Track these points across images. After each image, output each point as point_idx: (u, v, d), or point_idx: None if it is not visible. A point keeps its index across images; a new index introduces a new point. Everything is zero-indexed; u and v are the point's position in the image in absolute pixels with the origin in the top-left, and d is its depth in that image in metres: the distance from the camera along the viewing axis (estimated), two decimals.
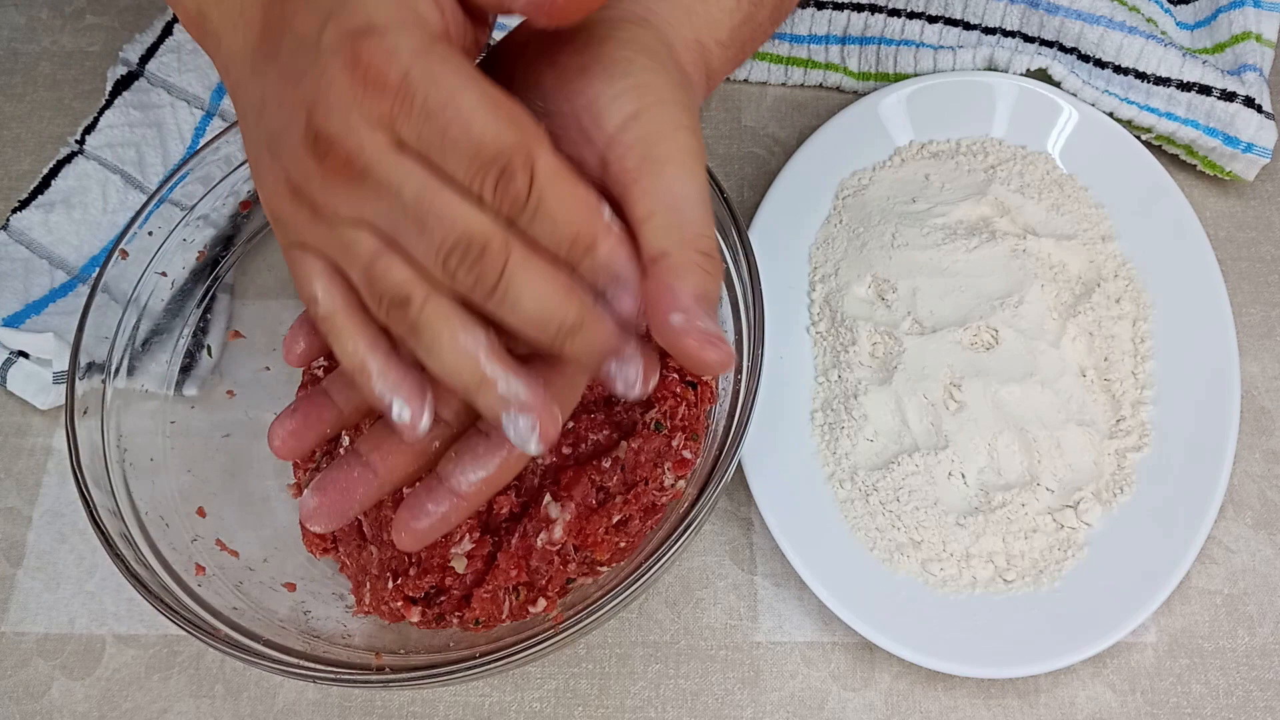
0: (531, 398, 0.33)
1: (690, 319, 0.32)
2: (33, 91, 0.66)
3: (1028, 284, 0.53)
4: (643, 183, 0.33)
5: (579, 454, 0.46)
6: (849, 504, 0.51)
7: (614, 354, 0.33)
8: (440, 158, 0.31)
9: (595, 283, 0.33)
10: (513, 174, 0.31)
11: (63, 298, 0.58)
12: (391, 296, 0.32)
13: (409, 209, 0.31)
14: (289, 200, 0.33)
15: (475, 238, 0.31)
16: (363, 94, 0.31)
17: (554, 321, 0.32)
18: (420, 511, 0.37)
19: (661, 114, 0.34)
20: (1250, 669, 0.50)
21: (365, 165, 0.31)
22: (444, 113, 0.31)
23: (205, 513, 0.47)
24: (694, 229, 0.33)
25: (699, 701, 0.50)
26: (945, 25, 0.63)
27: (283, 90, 0.33)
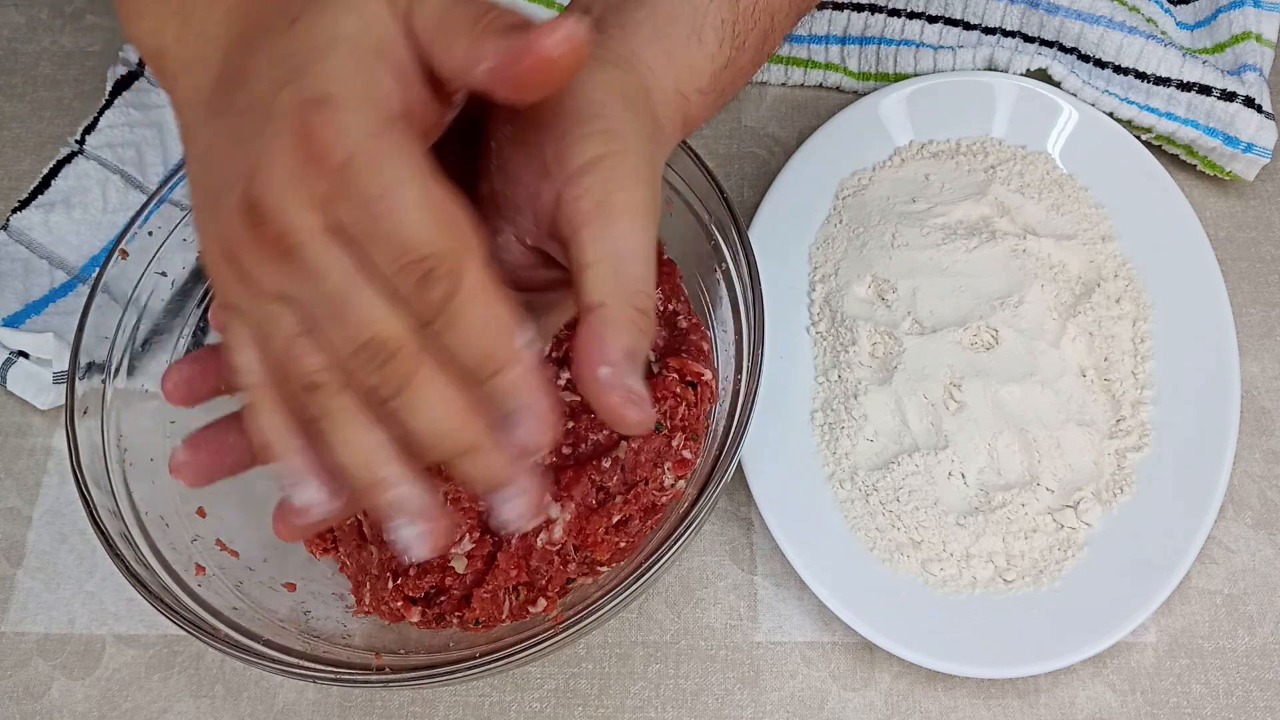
0: (428, 506, 0.32)
1: (616, 374, 0.32)
2: (33, 91, 0.66)
3: (1028, 284, 0.53)
4: (592, 228, 0.33)
5: (579, 454, 0.46)
6: (849, 504, 0.51)
7: (503, 485, 0.33)
8: (370, 248, 0.31)
9: (499, 406, 0.32)
10: (434, 280, 0.30)
11: (63, 298, 0.58)
12: (303, 381, 0.32)
13: (329, 298, 0.31)
14: (222, 260, 0.33)
15: (386, 342, 0.31)
16: (304, 170, 0.30)
17: (448, 440, 0.32)
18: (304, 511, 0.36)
19: (623, 164, 0.34)
20: (1250, 669, 0.50)
21: (295, 244, 0.31)
22: (379, 204, 0.30)
23: (205, 513, 0.47)
24: (634, 284, 0.33)
25: (699, 701, 0.50)
26: (945, 25, 0.63)
27: (229, 148, 0.33)
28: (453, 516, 0.34)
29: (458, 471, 0.32)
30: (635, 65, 0.38)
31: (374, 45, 0.32)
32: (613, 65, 0.37)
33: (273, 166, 0.31)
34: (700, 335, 0.49)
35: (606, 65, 0.37)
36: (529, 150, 0.35)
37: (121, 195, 0.60)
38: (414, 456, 0.33)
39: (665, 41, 0.39)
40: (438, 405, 0.31)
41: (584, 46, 0.31)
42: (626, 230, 0.33)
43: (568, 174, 0.34)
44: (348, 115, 0.30)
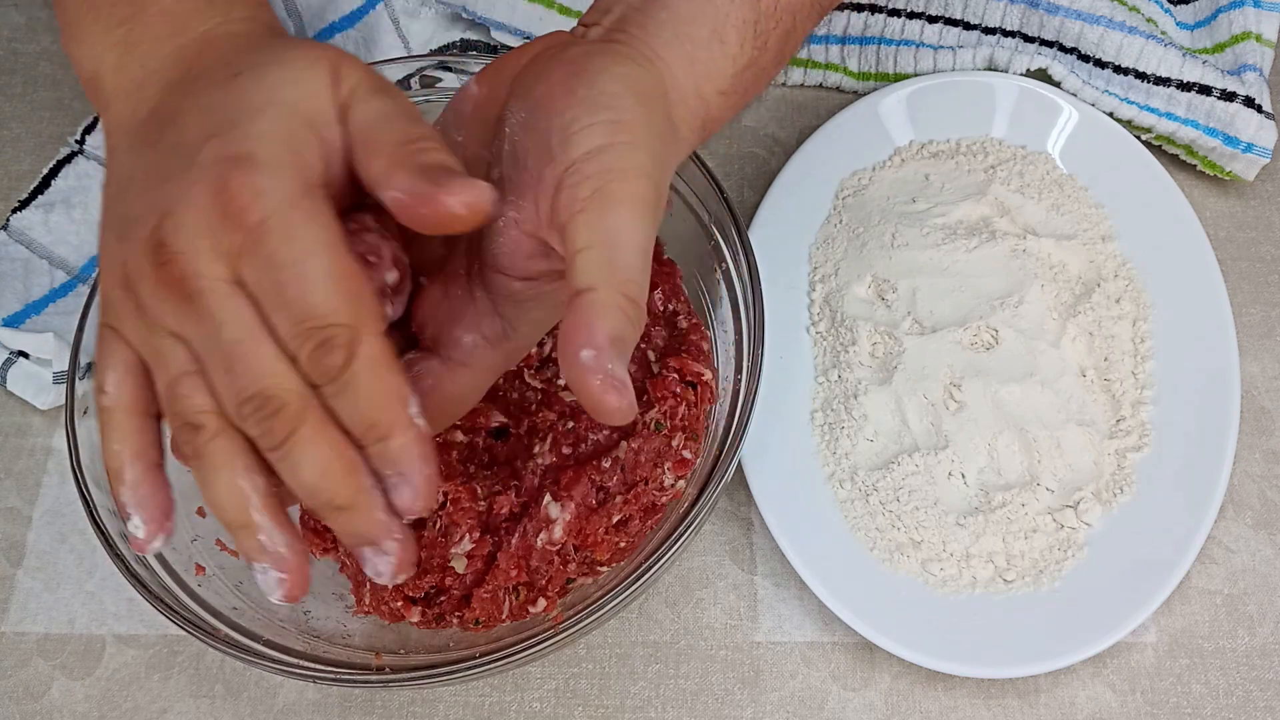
0: (289, 555, 0.34)
1: (600, 358, 0.31)
2: (33, 91, 0.66)
3: (1028, 284, 0.53)
4: (589, 214, 0.33)
5: (579, 454, 0.46)
6: (849, 504, 0.51)
7: (370, 543, 0.34)
8: (271, 309, 0.32)
9: (381, 470, 0.33)
10: (331, 348, 0.31)
11: (63, 298, 0.58)
12: (185, 419, 0.33)
13: (223, 346, 0.32)
14: (119, 288, 0.34)
15: (274, 397, 0.32)
16: (218, 222, 0.31)
17: (324, 495, 0.33)
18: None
19: (629, 155, 0.34)
20: (1250, 669, 0.50)
21: (197, 290, 0.32)
22: (287, 269, 0.31)
23: (205, 513, 0.47)
24: (626, 273, 0.33)
25: (699, 701, 0.50)
26: (945, 25, 0.63)
27: (149, 181, 0.34)
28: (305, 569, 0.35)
29: (332, 524, 0.34)
30: (655, 65, 0.38)
31: (306, 117, 0.33)
32: (632, 62, 0.37)
33: (187, 212, 0.32)
34: (700, 335, 0.49)
35: (626, 61, 0.37)
36: (538, 135, 0.35)
37: None
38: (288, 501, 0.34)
39: (686, 43, 0.39)
40: (316, 462, 0.32)
41: (486, 212, 0.33)
42: (623, 220, 0.33)
43: (570, 159, 0.34)
44: (267, 178, 0.32)
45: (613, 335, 0.32)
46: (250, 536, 0.34)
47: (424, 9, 0.64)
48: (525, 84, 0.37)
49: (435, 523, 0.45)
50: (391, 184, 0.33)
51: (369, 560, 0.34)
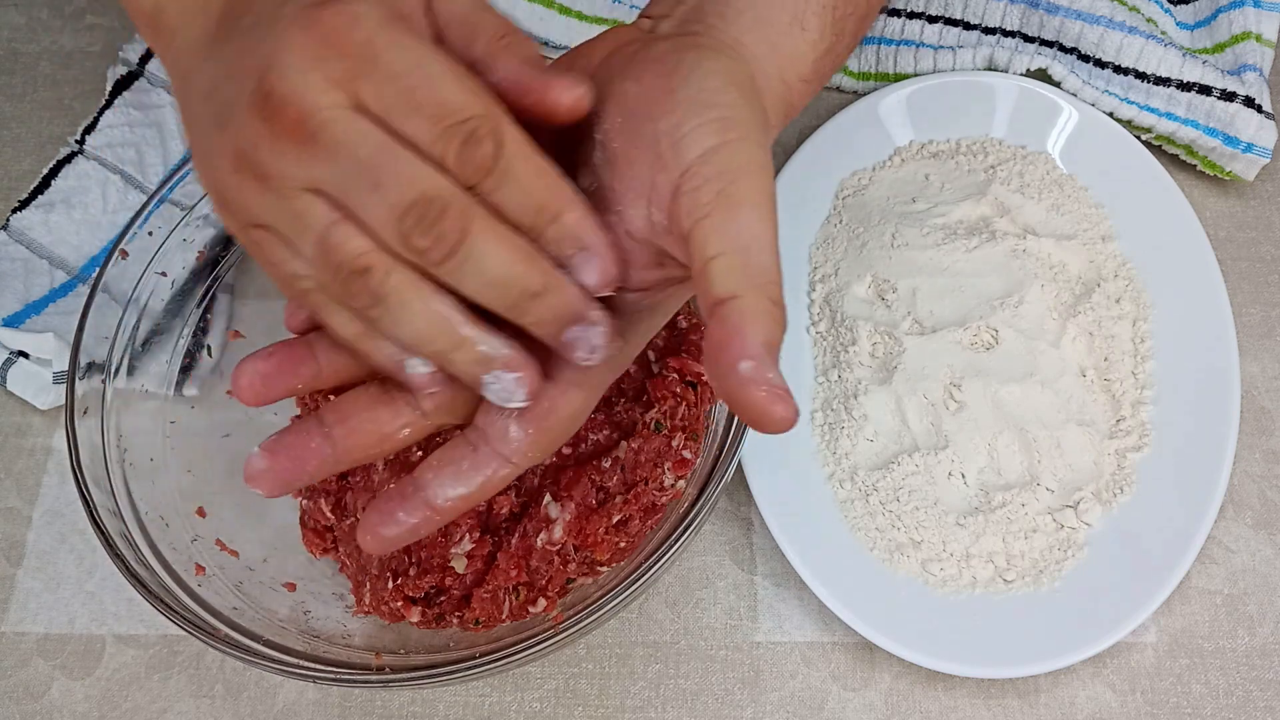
0: (514, 353, 0.32)
1: (760, 369, 0.30)
2: (33, 91, 0.66)
3: (1028, 284, 0.53)
4: (715, 219, 0.32)
5: (579, 454, 0.46)
6: (849, 504, 0.51)
7: (577, 320, 0.32)
8: (402, 120, 0.30)
9: (560, 252, 0.32)
10: (480, 139, 0.30)
11: (63, 298, 0.58)
12: (351, 266, 0.31)
13: (364, 168, 0.30)
14: (233, 173, 0.32)
15: (435, 198, 0.30)
16: (323, 53, 0.30)
17: (516, 286, 0.31)
18: (391, 519, 0.35)
19: (743, 151, 0.33)
20: (1250, 669, 0.50)
21: (319, 124, 0.30)
22: (411, 75, 0.30)
23: (205, 513, 0.47)
24: (765, 275, 0.31)
25: (699, 701, 0.50)
26: (945, 25, 0.63)
27: (237, 62, 0.32)
28: (535, 362, 0.33)
29: (531, 317, 0.32)
30: (740, 54, 0.37)
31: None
32: (721, 54, 0.36)
33: (288, 56, 0.30)
34: (700, 335, 0.49)
35: (716, 53, 0.35)
36: (642, 141, 0.34)
37: (121, 195, 0.60)
38: (482, 315, 0.32)
39: (768, 29, 0.38)
40: (503, 249, 0.31)
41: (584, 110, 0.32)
42: (751, 219, 0.32)
43: (685, 164, 0.33)
44: (359, 5, 0.30)
45: (767, 341, 0.30)
46: (470, 351, 0.32)
47: None
48: (615, 87, 0.35)
49: None
50: (499, 67, 0.32)
51: (580, 341, 0.32)
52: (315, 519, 0.48)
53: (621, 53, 0.36)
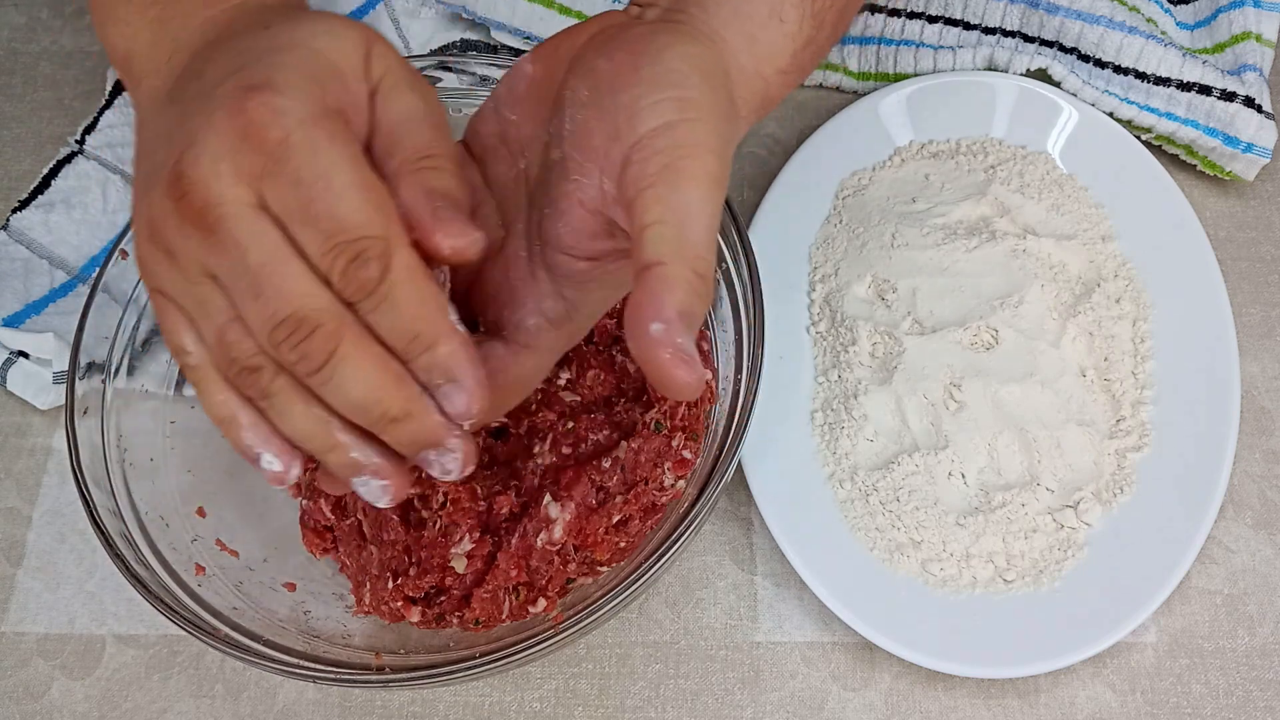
0: (383, 462, 0.34)
1: (669, 332, 0.31)
2: (33, 91, 0.66)
3: (1028, 284, 0.53)
4: (657, 189, 0.33)
5: (579, 454, 0.46)
6: (849, 504, 0.51)
7: (434, 446, 0.34)
8: (298, 228, 0.31)
9: (429, 380, 0.33)
10: (367, 260, 0.31)
11: (63, 298, 0.58)
12: (242, 364, 0.32)
13: (250, 273, 0.31)
14: (147, 241, 0.33)
15: (306, 318, 0.31)
16: (238, 146, 0.31)
17: (376, 409, 0.32)
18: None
19: (697, 131, 0.34)
20: (1250, 669, 0.50)
21: (218, 216, 0.31)
22: (314, 184, 0.31)
23: (205, 513, 0.47)
24: (695, 248, 0.32)
25: (699, 701, 0.50)
26: (945, 25, 0.63)
27: (173, 129, 0.33)
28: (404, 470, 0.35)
29: (389, 436, 0.33)
30: (716, 44, 0.38)
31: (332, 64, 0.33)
32: (696, 41, 0.37)
33: (206, 139, 0.31)
34: (700, 335, 0.49)
35: (690, 39, 0.36)
36: (603, 113, 0.35)
37: (121, 195, 0.60)
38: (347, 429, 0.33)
39: (746, 22, 0.39)
40: (363, 376, 0.32)
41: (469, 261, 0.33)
42: (692, 194, 0.33)
43: (637, 136, 0.34)
44: (286, 100, 0.31)
45: (682, 309, 0.31)
46: (343, 455, 0.33)
47: (424, 9, 0.65)
48: (587, 62, 0.36)
49: (435, 523, 0.45)
50: (401, 190, 0.33)
51: (434, 463, 0.34)
52: (315, 519, 0.48)
53: (604, 34, 0.37)
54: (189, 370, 0.34)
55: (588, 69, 0.36)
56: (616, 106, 0.34)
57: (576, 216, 0.36)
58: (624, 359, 0.49)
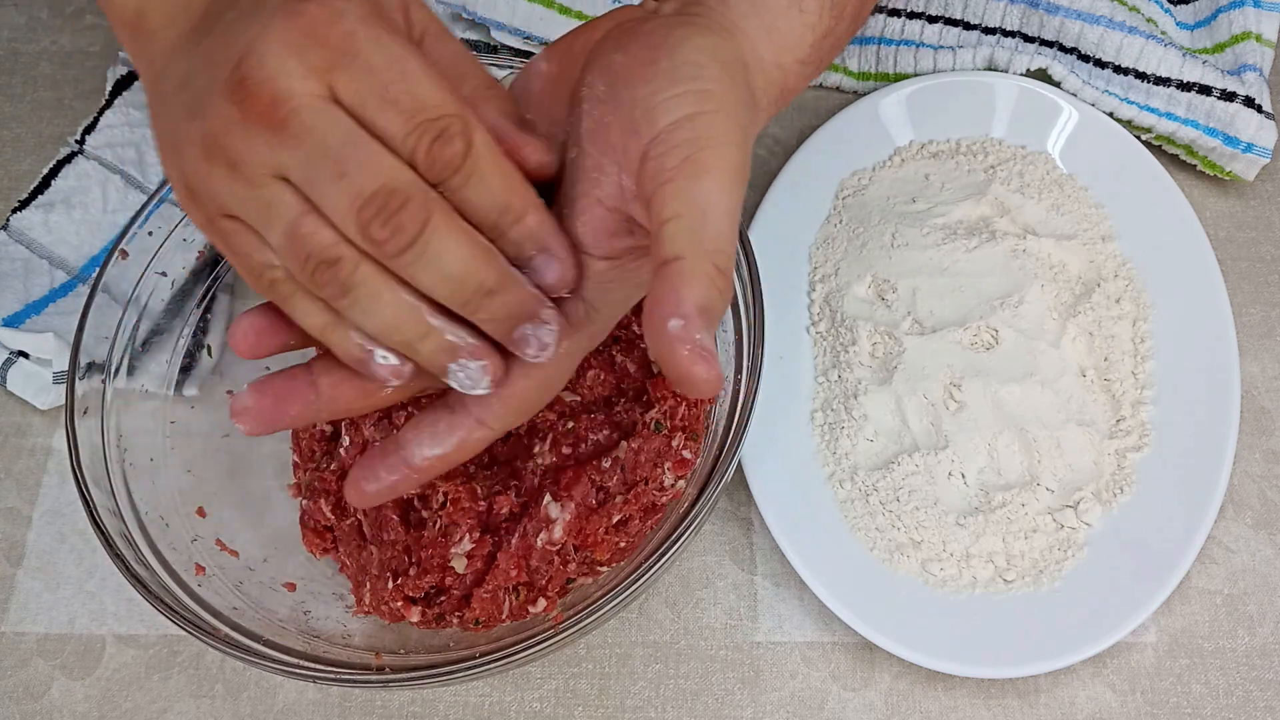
0: (479, 342, 0.33)
1: (688, 328, 0.30)
2: (33, 91, 0.66)
3: (1028, 284, 0.53)
4: (677, 183, 0.32)
5: (579, 454, 0.46)
6: (849, 504, 0.51)
7: (530, 318, 0.33)
8: (375, 113, 0.31)
9: (520, 253, 0.33)
10: (451, 137, 0.31)
11: (63, 298, 0.58)
12: (320, 257, 0.31)
13: (331, 156, 0.30)
14: (203, 160, 0.32)
15: (396, 190, 0.30)
16: (302, 42, 0.30)
17: (472, 281, 0.32)
18: (372, 475, 0.37)
19: (716, 123, 0.33)
20: (1250, 669, 0.50)
21: (290, 110, 0.30)
22: (389, 70, 0.31)
23: (205, 513, 0.47)
24: (716, 242, 0.32)
25: (699, 701, 0.50)
26: (945, 25, 0.64)
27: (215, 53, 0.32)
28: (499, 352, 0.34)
29: (484, 313, 0.33)
30: (734, 36, 0.37)
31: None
32: (713, 33, 0.36)
33: (267, 43, 0.30)
34: None
35: (707, 31, 0.36)
36: (620, 108, 0.35)
37: (121, 195, 0.60)
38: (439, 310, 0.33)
39: (765, 12, 0.38)
40: (457, 248, 0.31)
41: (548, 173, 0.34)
42: (712, 187, 0.32)
43: (656, 131, 0.33)
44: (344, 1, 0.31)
45: (701, 305, 0.31)
46: (436, 340, 0.33)
47: None
48: (603, 58, 0.36)
49: (435, 523, 0.45)
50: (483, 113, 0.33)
51: (531, 338, 0.33)
52: (315, 519, 0.48)
53: (620, 29, 0.37)
54: (275, 286, 0.33)
55: (604, 64, 0.36)
56: (634, 101, 0.34)
57: (595, 215, 0.36)
58: (624, 359, 0.49)
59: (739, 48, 0.37)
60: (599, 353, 0.49)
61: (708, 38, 0.36)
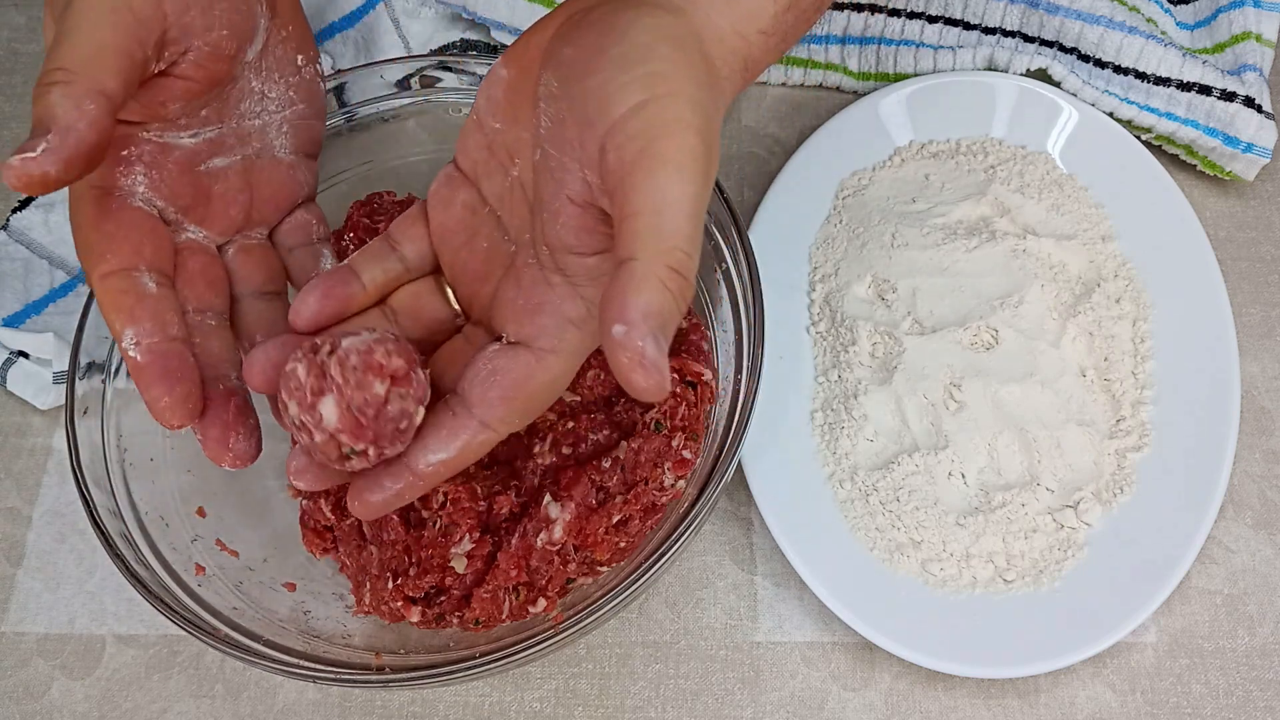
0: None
1: (630, 335, 0.29)
2: None
3: (1028, 284, 0.53)
4: (635, 178, 0.31)
5: (579, 454, 0.46)
6: (849, 504, 0.51)
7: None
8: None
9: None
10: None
11: (63, 298, 0.58)
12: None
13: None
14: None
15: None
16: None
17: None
18: (376, 485, 0.37)
19: (670, 107, 0.32)
20: (1250, 669, 0.50)
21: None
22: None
23: (205, 513, 0.47)
24: (671, 240, 0.31)
25: (699, 701, 0.50)
26: (945, 25, 0.63)
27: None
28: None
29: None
30: (684, 10, 0.36)
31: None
32: (660, 9, 0.35)
33: None
34: (700, 335, 0.49)
35: (655, 10, 0.35)
36: (573, 103, 0.34)
37: None
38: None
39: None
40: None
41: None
42: (670, 180, 0.31)
43: (610, 122, 0.32)
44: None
45: (647, 310, 0.30)
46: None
47: (424, 9, 0.64)
48: (556, 54, 0.35)
49: (435, 523, 0.45)
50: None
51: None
52: (315, 519, 0.48)
53: (569, 21, 0.36)
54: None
55: (556, 60, 0.35)
56: (586, 93, 0.33)
57: (570, 214, 0.35)
58: None
59: (691, 22, 0.36)
60: (599, 353, 0.49)
61: (656, 17, 0.35)
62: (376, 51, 0.63)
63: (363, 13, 0.64)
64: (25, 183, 0.32)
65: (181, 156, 0.40)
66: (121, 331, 0.37)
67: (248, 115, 0.42)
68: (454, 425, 0.36)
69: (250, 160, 0.43)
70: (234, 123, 0.42)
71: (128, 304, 0.37)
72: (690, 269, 0.31)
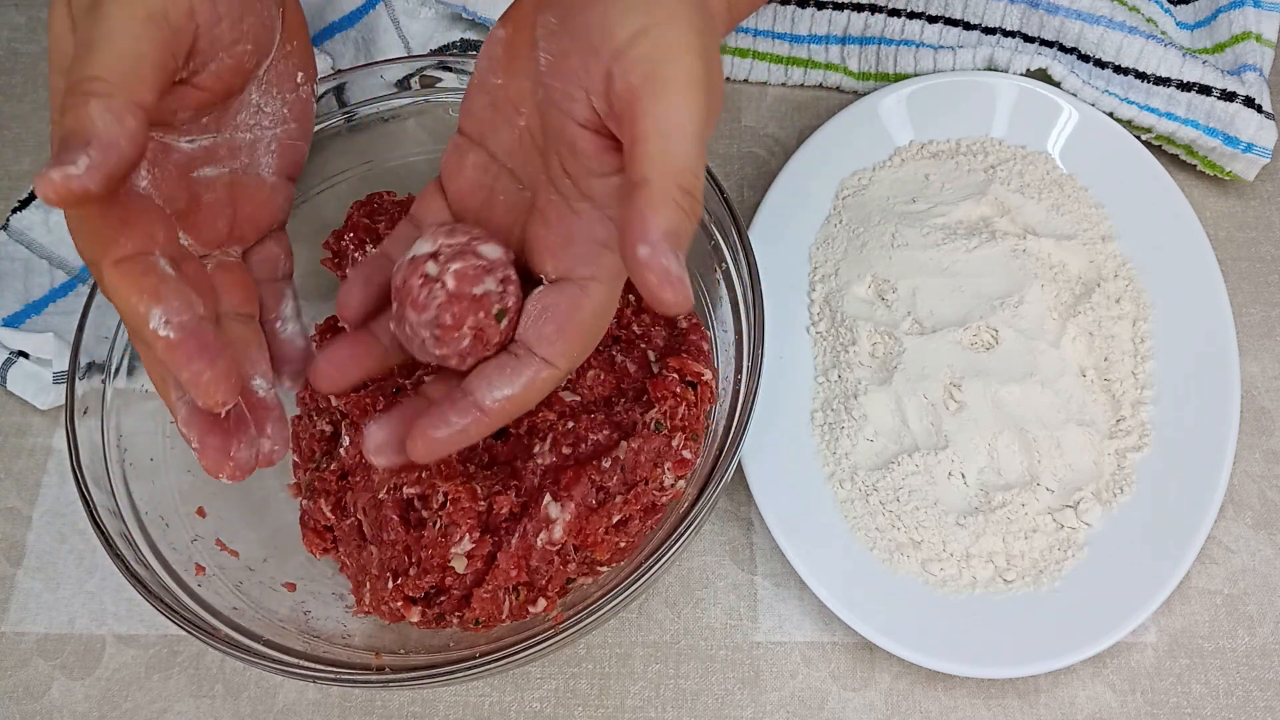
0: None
1: (655, 254, 0.31)
2: (33, 91, 0.66)
3: (1028, 284, 0.53)
4: (643, 103, 0.33)
5: (579, 454, 0.46)
6: (849, 504, 0.51)
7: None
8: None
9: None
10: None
11: (63, 298, 0.58)
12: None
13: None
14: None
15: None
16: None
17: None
18: (442, 421, 0.38)
19: (670, 31, 0.34)
20: (1250, 669, 0.50)
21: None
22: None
23: (205, 513, 0.47)
24: (681, 162, 0.32)
25: (699, 701, 0.50)
26: (945, 25, 0.63)
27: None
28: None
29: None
30: None
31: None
32: None
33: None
34: (700, 335, 0.49)
35: None
36: (574, 35, 0.35)
37: None
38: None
39: None
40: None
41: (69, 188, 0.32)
42: (676, 104, 0.33)
43: (614, 49, 0.34)
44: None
45: (667, 229, 0.31)
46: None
47: (424, 9, 0.64)
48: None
49: (435, 523, 0.45)
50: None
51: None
52: (315, 519, 0.48)
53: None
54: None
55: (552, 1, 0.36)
56: (588, 25, 0.35)
57: (585, 139, 0.36)
58: (624, 359, 0.49)
59: None
60: (599, 353, 0.49)
61: None
62: (376, 51, 0.63)
63: (362, 13, 0.64)
64: (62, 197, 0.31)
65: (180, 159, 0.40)
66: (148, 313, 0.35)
67: (242, 127, 0.42)
68: (517, 365, 0.38)
69: (237, 175, 0.43)
70: (229, 133, 0.42)
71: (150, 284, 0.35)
72: (699, 189, 0.33)
